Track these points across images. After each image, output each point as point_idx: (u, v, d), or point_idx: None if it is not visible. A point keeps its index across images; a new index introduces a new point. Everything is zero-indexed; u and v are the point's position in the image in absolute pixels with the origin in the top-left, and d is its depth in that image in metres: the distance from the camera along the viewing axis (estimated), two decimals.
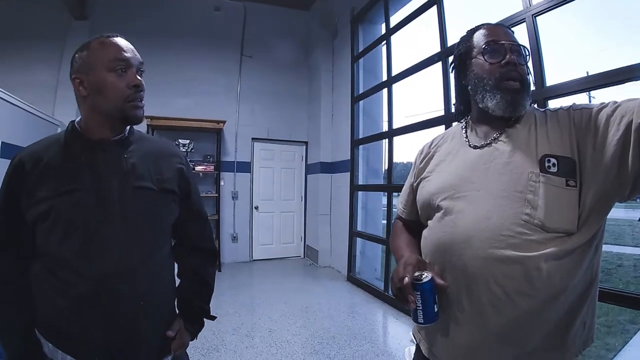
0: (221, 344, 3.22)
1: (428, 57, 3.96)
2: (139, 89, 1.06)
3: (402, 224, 1.36)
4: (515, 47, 1.06)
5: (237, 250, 6.61)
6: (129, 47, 1.07)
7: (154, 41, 6.05)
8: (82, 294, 0.99)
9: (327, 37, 6.59)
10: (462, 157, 1.12)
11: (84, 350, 1.02)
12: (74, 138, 1.08)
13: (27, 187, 1.01)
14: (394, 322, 3.84)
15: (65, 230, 1.00)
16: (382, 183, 5.41)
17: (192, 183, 1.29)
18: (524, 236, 0.92)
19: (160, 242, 1.17)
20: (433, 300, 0.98)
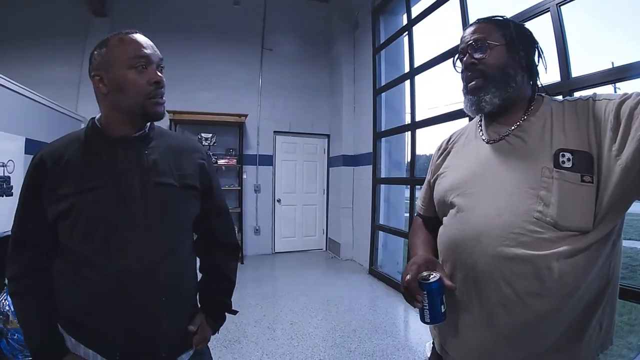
0: (243, 335, 3.26)
1: (451, 47, 3.87)
2: (159, 86, 1.06)
3: (421, 221, 1.35)
4: (471, 44, 1.05)
5: (260, 243, 6.67)
6: (148, 44, 1.07)
7: (174, 36, 6.12)
8: (103, 291, 1.01)
9: (347, 28, 6.52)
10: (476, 152, 1.10)
11: (106, 346, 1.04)
12: (94, 135, 1.09)
13: (48, 184, 1.02)
14: (416, 317, 3.79)
15: (86, 227, 1.01)
16: (404, 176, 5.35)
17: (213, 178, 1.28)
18: (535, 234, 0.89)
19: (181, 237, 1.16)
20: (440, 301, 0.97)
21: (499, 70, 1.01)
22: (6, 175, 2.83)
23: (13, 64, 5.20)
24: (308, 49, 6.97)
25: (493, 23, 1.06)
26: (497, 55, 1.01)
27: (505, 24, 1.05)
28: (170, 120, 5.70)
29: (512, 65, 1.01)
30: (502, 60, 1.01)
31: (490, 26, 1.05)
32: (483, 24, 1.06)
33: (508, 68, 1.01)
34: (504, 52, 1.01)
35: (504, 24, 1.05)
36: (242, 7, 6.61)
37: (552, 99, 1.05)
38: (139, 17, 6.05)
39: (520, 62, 1.02)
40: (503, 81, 1.01)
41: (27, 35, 5.76)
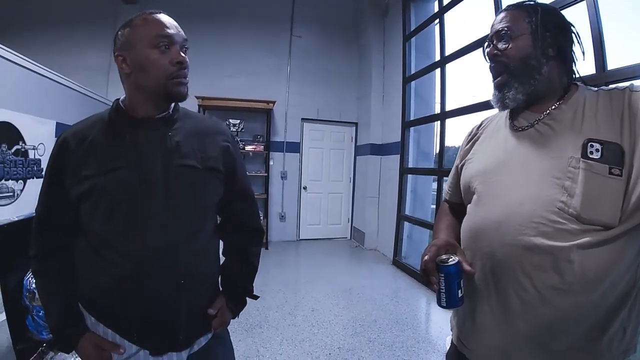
0: (264, 320, 3.32)
1: (483, 36, 3.74)
2: (182, 66, 1.04)
3: (447, 207, 1.33)
4: (496, 34, 1.02)
5: (285, 230, 6.74)
6: (172, 24, 1.06)
7: (203, 22, 6.18)
8: (123, 272, 1.01)
9: (377, 15, 6.40)
10: (504, 139, 1.07)
11: (124, 325, 1.06)
12: (118, 116, 1.09)
13: (72, 165, 1.03)
14: (437, 310, 3.76)
15: (108, 208, 1.01)
16: (432, 167, 5.25)
17: (238, 161, 1.26)
18: (556, 225, 0.86)
19: (203, 220, 1.16)
20: (457, 285, 0.95)
21: (521, 62, 0.98)
22: (37, 157, 2.94)
23: (45, 51, 5.37)
24: (337, 36, 6.90)
25: (522, 9, 1.01)
26: (520, 46, 0.98)
27: (533, 10, 1.00)
28: (199, 106, 5.78)
29: (536, 56, 0.97)
30: (525, 51, 0.97)
31: (519, 13, 1.01)
32: (512, 11, 1.03)
33: (531, 60, 0.97)
34: (528, 42, 0.97)
35: (532, 9, 1.00)
36: None
37: (588, 88, 1.00)
38: (167, 3, 6.08)
39: (546, 51, 0.97)
40: (526, 74, 0.98)
41: (59, 23, 5.97)
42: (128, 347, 1.06)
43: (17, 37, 5.35)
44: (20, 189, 2.77)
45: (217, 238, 1.28)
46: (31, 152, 2.91)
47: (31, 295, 2.20)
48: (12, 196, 2.68)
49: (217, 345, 1.23)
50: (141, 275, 1.01)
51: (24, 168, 2.83)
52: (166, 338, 1.08)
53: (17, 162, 2.79)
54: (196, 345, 1.16)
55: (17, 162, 2.78)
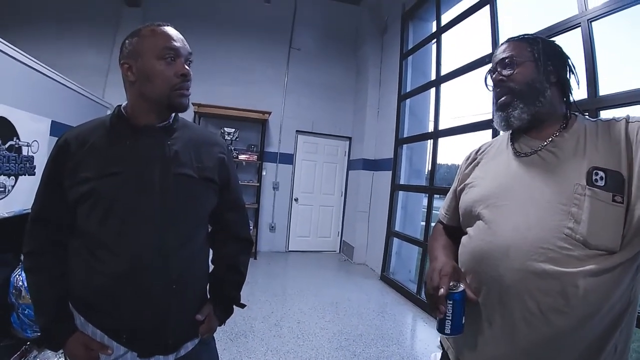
0: (250, 330, 3.29)
1: (478, 58, 3.83)
2: (186, 78, 1.08)
3: (442, 228, 1.34)
4: (503, 61, 1.07)
5: (274, 240, 6.72)
6: (178, 37, 1.09)
7: (204, 30, 6.25)
8: (117, 273, 1.03)
9: (376, 32, 6.50)
10: (507, 165, 1.09)
11: (114, 327, 1.06)
12: (119, 122, 1.11)
13: (71, 166, 1.05)
14: (423, 326, 3.78)
15: (105, 211, 1.03)
16: (424, 184, 5.30)
17: (232, 173, 1.30)
18: (564, 251, 0.88)
19: (196, 228, 1.19)
20: (462, 312, 0.97)
21: (526, 85, 1.02)
22: (30, 155, 2.92)
23: (44, 48, 5.35)
24: (335, 50, 6.99)
25: (524, 41, 1.07)
26: (525, 72, 1.02)
27: (534, 41, 1.06)
28: (195, 112, 5.79)
29: (540, 79, 1.01)
30: (530, 76, 1.02)
31: (521, 44, 1.06)
32: (513, 42, 1.08)
33: (536, 83, 1.01)
34: (532, 68, 1.02)
35: (533, 41, 1.06)
36: (272, 5, 6.68)
37: (586, 117, 1.05)
38: (170, 8, 6.19)
39: (549, 77, 1.02)
40: (531, 96, 1.01)
41: (60, 22, 5.95)
42: (116, 349, 1.06)
43: (17, 32, 5.34)
44: (11, 185, 2.75)
45: (208, 246, 1.30)
46: (25, 149, 2.88)
47: (17, 293, 2.18)
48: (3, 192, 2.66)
49: (203, 351, 1.24)
50: (134, 278, 1.03)
51: (17, 164, 2.81)
52: (155, 341, 1.08)
53: (10, 158, 2.76)
54: (183, 350, 1.16)
55: (10, 158, 2.75)
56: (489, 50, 3.67)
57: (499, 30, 3.59)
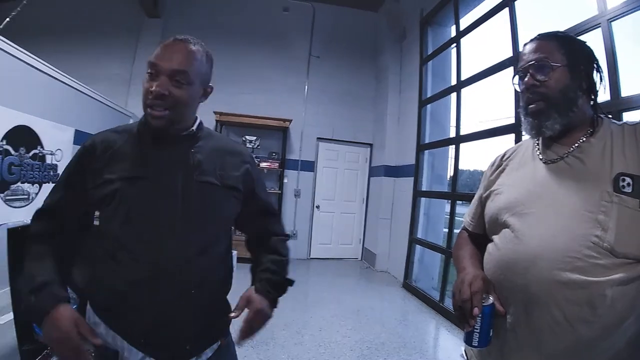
0: (271, 338, 3.30)
1: (499, 62, 3.79)
2: (151, 94, 1.03)
3: (467, 235, 1.32)
4: (533, 65, 1.01)
5: (296, 247, 6.72)
6: (166, 54, 1.06)
7: (224, 39, 6.39)
8: (135, 278, 1.03)
9: (395, 38, 6.50)
10: (533, 171, 1.07)
11: (132, 331, 1.07)
12: (145, 130, 1.12)
13: (96, 168, 1.07)
14: (446, 335, 3.72)
15: (127, 215, 1.04)
16: (446, 190, 5.24)
17: (257, 181, 1.29)
18: (591, 259, 0.86)
19: (218, 235, 1.18)
20: (490, 325, 0.96)
21: (560, 93, 0.98)
22: (54, 163, 3.02)
23: (68, 59, 5.52)
24: (355, 57, 7.02)
25: (554, 40, 1.03)
26: (559, 78, 0.98)
27: (567, 42, 1.02)
28: (217, 121, 5.90)
29: (573, 88, 0.98)
30: (564, 84, 0.98)
31: (552, 44, 1.02)
32: (544, 42, 1.03)
33: (570, 92, 0.98)
34: (566, 74, 0.98)
35: (566, 41, 1.02)
36: (291, 13, 6.79)
37: (612, 121, 1.02)
38: (190, 19, 6.39)
39: (581, 84, 0.99)
40: (565, 106, 0.98)
41: (83, 33, 6.21)
42: (135, 354, 1.07)
43: (41, 44, 5.47)
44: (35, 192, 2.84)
45: (230, 254, 1.29)
46: (48, 157, 2.98)
47: None
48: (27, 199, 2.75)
49: (224, 357, 1.23)
50: (154, 283, 1.03)
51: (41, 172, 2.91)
52: (173, 347, 1.08)
53: (34, 166, 2.86)
54: (203, 356, 1.15)
55: (34, 166, 2.85)
56: (509, 54, 3.62)
57: (518, 33, 3.55)
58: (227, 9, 6.63)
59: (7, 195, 2.88)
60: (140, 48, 6.15)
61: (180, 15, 6.44)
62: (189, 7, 6.52)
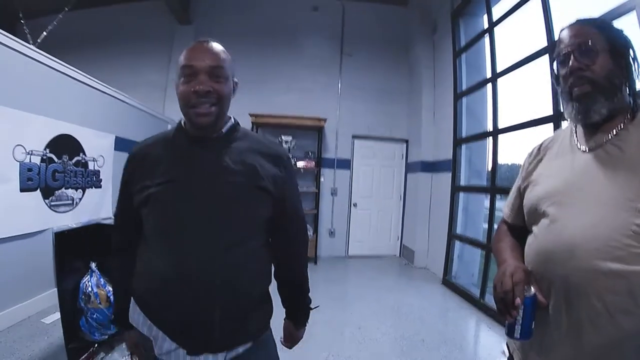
0: (310, 335, 3.27)
1: (535, 51, 3.67)
2: (197, 94, 1.08)
3: (506, 228, 1.31)
4: (579, 48, 0.99)
5: (334, 246, 6.78)
6: (196, 54, 1.11)
7: (255, 41, 6.54)
8: (166, 276, 1.10)
9: (426, 32, 6.40)
10: (571, 160, 1.06)
11: (165, 324, 1.14)
12: (179, 134, 1.21)
13: (136, 177, 1.17)
14: (487, 332, 3.65)
15: (159, 217, 1.13)
16: (484, 185, 5.13)
17: (290, 184, 1.31)
18: (631, 249, 0.85)
19: (247, 236, 1.18)
20: (532, 317, 0.96)
21: (606, 79, 0.97)
22: (96, 169, 3.18)
23: (107, 69, 5.85)
24: (386, 53, 6.97)
25: (594, 26, 1.01)
26: (604, 63, 0.97)
27: (607, 28, 1.01)
28: (252, 123, 6.02)
29: (617, 74, 0.97)
30: (609, 69, 0.97)
31: (592, 29, 1.00)
32: (585, 27, 1.02)
33: (614, 78, 0.97)
34: (609, 60, 0.97)
35: (606, 27, 1.01)
36: (320, 12, 6.85)
37: None
38: (220, 23, 6.60)
39: (623, 70, 0.98)
40: (611, 91, 0.97)
41: (120, 42, 6.55)
42: (169, 343, 1.13)
43: (81, 55, 5.83)
44: (79, 197, 3.01)
45: (265, 254, 1.28)
46: (91, 164, 3.15)
47: (86, 298, 2.37)
48: (72, 204, 2.91)
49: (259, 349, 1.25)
50: (180, 281, 1.09)
51: (84, 178, 3.07)
52: (202, 341, 1.12)
53: (77, 173, 3.03)
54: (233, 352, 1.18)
55: (77, 172, 3.02)
56: (544, 42, 3.50)
57: (552, 20, 3.42)
58: (257, 11, 6.76)
59: (52, 200, 3.08)
60: (175, 54, 6.38)
61: (211, 20, 6.64)
62: (219, 11, 6.70)
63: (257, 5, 6.79)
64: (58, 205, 3.01)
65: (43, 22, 4.12)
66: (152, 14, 6.63)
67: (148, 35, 6.61)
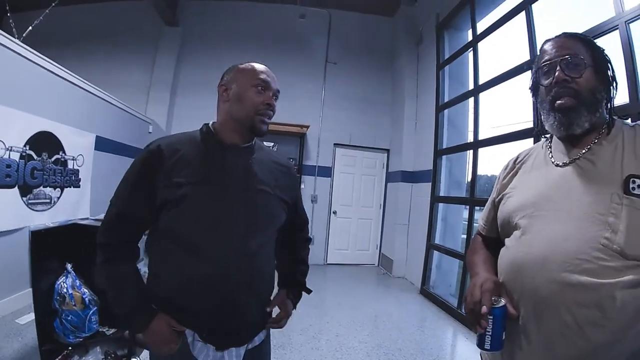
0: (288, 342, 3.31)
1: (516, 65, 3.75)
2: (269, 107, 1.24)
3: (481, 240, 1.32)
4: (565, 60, 1.00)
5: (313, 253, 6.59)
6: (272, 75, 1.27)
7: (240, 46, 6.51)
8: (204, 275, 1.14)
9: (411, 43, 6.50)
10: (545, 174, 1.07)
11: (197, 323, 1.18)
12: (209, 138, 1.26)
13: (165, 170, 1.15)
14: (464, 342, 3.66)
15: (198, 216, 1.15)
16: (464, 196, 5.19)
17: (299, 193, 1.51)
18: (600, 262, 0.85)
19: (271, 235, 1.32)
20: (502, 327, 0.95)
21: (590, 93, 0.98)
22: (75, 168, 3.09)
23: (91, 68, 5.69)
24: (371, 62, 7.04)
25: (579, 41, 1.02)
26: (589, 77, 0.98)
27: (590, 44, 1.02)
28: None
29: (600, 89, 0.99)
30: (592, 83, 0.98)
31: (578, 44, 1.01)
32: (571, 40, 1.03)
33: (597, 93, 0.98)
34: (593, 75, 0.98)
35: (589, 43, 1.02)
36: (307, 21, 6.86)
37: (624, 122, 1.02)
38: (207, 27, 6.56)
39: (604, 87, 0.99)
40: (593, 105, 0.98)
41: (104, 41, 6.42)
42: (196, 342, 1.19)
43: (64, 52, 5.69)
44: (57, 196, 2.92)
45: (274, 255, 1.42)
46: (70, 162, 3.06)
47: (61, 299, 2.29)
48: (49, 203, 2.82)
49: (266, 345, 1.39)
50: (221, 278, 1.15)
51: (62, 177, 2.98)
52: (233, 336, 1.21)
53: (56, 171, 2.94)
54: (252, 343, 1.29)
55: (56, 171, 2.93)
56: (526, 57, 3.59)
57: (535, 36, 3.52)
58: (244, 16, 6.75)
59: (30, 198, 2.98)
60: (160, 56, 6.32)
61: (198, 23, 6.59)
62: (207, 15, 6.66)
63: (244, 11, 6.79)
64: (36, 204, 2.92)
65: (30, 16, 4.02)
66: (138, 14, 6.53)
67: (133, 34, 6.50)
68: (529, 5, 3.59)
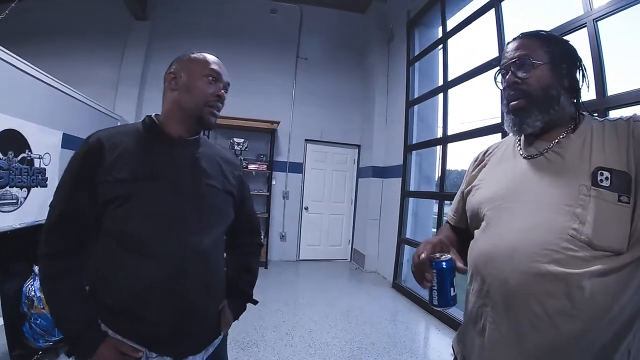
0: (261, 339, 3.28)
1: (485, 62, 3.83)
2: (220, 99, 1.20)
3: (449, 227, 1.33)
4: (515, 62, 1.02)
5: (285, 249, 6.71)
6: (223, 68, 1.24)
7: (211, 42, 6.35)
8: (156, 276, 1.05)
9: (382, 40, 6.54)
10: (513, 166, 1.08)
11: (148, 333, 1.06)
12: (152, 130, 1.18)
13: (105, 166, 1.05)
14: (436, 334, 3.73)
15: (146, 213, 1.07)
16: (434, 190, 5.27)
17: (247, 189, 1.42)
18: (569, 252, 0.87)
19: (221, 237, 1.27)
20: (450, 283, 0.95)
21: (542, 91, 0.99)
22: (42, 167, 2.96)
23: (56, 62, 5.43)
24: (342, 58, 7.04)
25: (537, 39, 1.03)
26: (540, 75, 0.99)
27: (549, 40, 1.02)
28: None
29: (555, 86, 0.99)
30: (545, 81, 0.99)
31: (535, 42, 1.02)
32: (527, 40, 1.04)
33: (551, 89, 0.99)
34: (547, 72, 0.99)
35: (548, 39, 1.03)
36: (278, 16, 6.80)
37: (593, 118, 1.03)
38: (177, 21, 6.37)
39: (563, 82, 1.00)
40: (546, 103, 0.99)
41: (71, 36, 6.11)
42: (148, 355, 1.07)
43: (28, 46, 5.40)
44: (24, 196, 2.78)
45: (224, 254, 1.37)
46: (37, 161, 2.92)
47: (29, 303, 2.21)
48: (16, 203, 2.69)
49: (222, 341, 1.32)
50: (176, 281, 1.07)
51: (29, 176, 2.85)
52: (190, 343, 1.14)
53: (23, 170, 2.80)
54: (210, 348, 1.23)
55: (22, 170, 2.79)
56: (495, 54, 3.67)
57: (504, 34, 3.59)
58: (214, 11, 6.60)
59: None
60: (128, 50, 6.08)
61: (168, 17, 6.40)
62: (177, 9, 6.47)
63: (214, 6, 6.63)
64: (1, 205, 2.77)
65: None
66: (106, 9, 6.23)
67: (101, 28, 6.21)
68: (499, 3, 3.66)
